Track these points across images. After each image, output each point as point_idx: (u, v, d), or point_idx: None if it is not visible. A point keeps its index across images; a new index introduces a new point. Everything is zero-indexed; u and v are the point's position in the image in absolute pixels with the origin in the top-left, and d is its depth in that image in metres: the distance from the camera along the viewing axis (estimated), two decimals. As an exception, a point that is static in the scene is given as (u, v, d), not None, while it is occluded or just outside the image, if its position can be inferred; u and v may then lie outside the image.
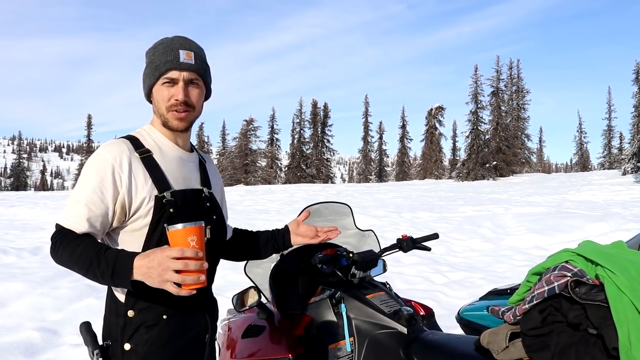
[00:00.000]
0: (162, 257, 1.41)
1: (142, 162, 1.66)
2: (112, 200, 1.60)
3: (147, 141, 1.73)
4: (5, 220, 14.40)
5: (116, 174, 1.60)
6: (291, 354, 2.27)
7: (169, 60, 1.68)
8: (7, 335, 4.62)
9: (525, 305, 1.74)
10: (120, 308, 1.64)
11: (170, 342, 1.66)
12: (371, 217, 13.22)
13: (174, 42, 1.72)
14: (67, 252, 1.53)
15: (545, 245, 9.52)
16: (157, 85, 1.71)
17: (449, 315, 4.51)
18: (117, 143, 1.67)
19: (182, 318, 1.69)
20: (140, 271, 1.44)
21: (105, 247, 1.54)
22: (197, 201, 1.74)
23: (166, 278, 1.40)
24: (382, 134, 67.09)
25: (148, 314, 1.63)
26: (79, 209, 1.58)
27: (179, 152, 1.78)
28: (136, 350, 1.62)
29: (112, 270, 1.47)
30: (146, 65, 1.74)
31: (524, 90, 54.61)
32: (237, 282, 2.87)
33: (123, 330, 1.63)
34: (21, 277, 6.47)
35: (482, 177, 45.79)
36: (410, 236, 2.58)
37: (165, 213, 1.62)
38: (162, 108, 1.71)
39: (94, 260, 1.49)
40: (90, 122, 67.37)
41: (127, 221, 1.64)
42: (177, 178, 1.71)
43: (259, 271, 2.65)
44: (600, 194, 21.98)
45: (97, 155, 1.63)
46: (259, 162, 59.02)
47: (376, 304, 2.29)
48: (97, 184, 1.59)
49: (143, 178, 1.63)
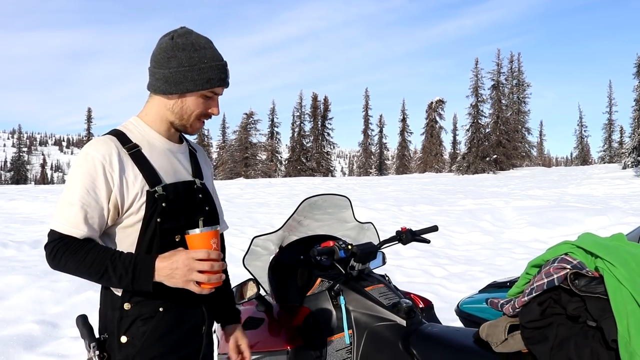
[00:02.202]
0: (188, 259, 1.49)
1: (131, 157, 1.63)
2: (105, 199, 1.57)
3: (135, 135, 1.70)
4: (5, 214, 14.39)
5: (107, 173, 1.57)
6: (290, 346, 2.27)
7: (222, 78, 1.69)
8: (7, 328, 4.63)
9: (525, 298, 1.74)
10: (116, 301, 1.63)
11: (167, 334, 1.65)
12: (371, 210, 13.21)
13: (219, 56, 1.70)
14: (73, 261, 1.52)
15: (545, 238, 9.52)
16: (196, 95, 1.67)
17: (448, 308, 4.52)
18: (104, 141, 1.63)
19: (178, 310, 1.68)
20: (163, 272, 1.50)
21: (118, 252, 1.55)
22: (189, 193, 1.72)
23: (191, 278, 1.49)
24: (382, 128, 67.08)
25: (144, 307, 1.62)
26: (75, 211, 1.54)
27: (167, 144, 1.74)
28: (133, 342, 1.62)
29: (133, 274, 1.50)
30: (188, 68, 1.64)
31: (524, 84, 54.54)
32: (236, 275, 2.87)
33: (119, 323, 1.62)
34: (21, 271, 6.49)
35: (483, 170, 45.79)
36: (409, 229, 2.58)
37: (158, 208, 1.61)
38: (192, 115, 1.70)
39: (109, 266, 1.50)
40: (90, 115, 67.38)
41: (119, 219, 1.62)
42: (168, 171, 1.69)
43: (258, 263, 2.64)
44: (600, 187, 21.98)
45: (86, 155, 1.59)
46: (259, 156, 59.05)
47: (375, 296, 2.29)
48: (89, 184, 1.56)
49: (133, 174, 1.61)
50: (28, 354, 4.10)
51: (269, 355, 2.29)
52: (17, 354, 4.09)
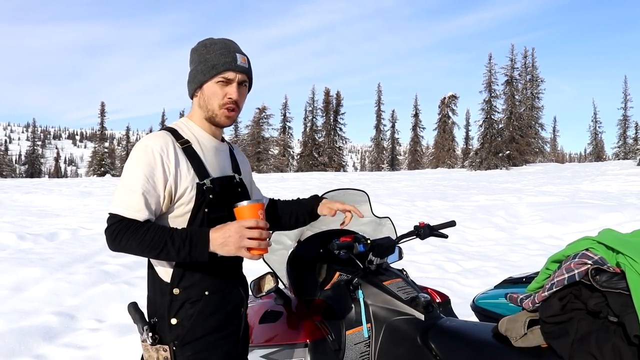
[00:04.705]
0: (239, 227, 1.64)
1: (183, 152, 1.79)
2: (162, 187, 1.72)
3: (185, 133, 1.86)
4: (22, 207, 14.56)
5: (165, 163, 1.73)
6: (308, 339, 2.29)
7: (227, 61, 1.82)
8: (26, 319, 4.69)
9: (545, 293, 1.75)
10: (165, 287, 1.79)
11: (212, 315, 1.82)
12: (384, 205, 13.20)
13: (229, 45, 1.86)
14: (135, 239, 1.64)
15: (559, 234, 9.46)
16: (211, 83, 1.84)
17: (463, 303, 4.51)
18: (161, 135, 1.79)
19: (222, 293, 1.86)
20: (218, 241, 1.64)
21: (174, 228, 1.69)
22: (231, 187, 1.90)
23: (243, 244, 1.63)
24: (394, 123, 66.83)
25: (192, 291, 1.79)
26: (137, 198, 1.68)
27: (214, 142, 1.92)
28: (182, 324, 1.78)
29: (190, 245, 1.64)
30: (198, 63, 1.85)
31: (538, 79, 54.05)
32: (254, 269, 2.89)
33: (170, 306, 1.78)
34: (38, 263, 6.57)
35: (495, 166, 45.55)
36: (427, 223, 2.58)
37: (206, 199, 1.78)
38: (214, 104, 1.85)
39: (168, 240, 1.64)
40: (103, 109, 67.56)
41: (171, 207, 1.77)
42: (214, 166, 1.87)
43: (277, 257, 2.66)
44: (614, 184, 21.76)
45: (145, 147, 1.73)
46: (271, 150, 59.18)
47: (393, 290, 2.30)
48: (149, 173, 1.70)
49: (186, 167, 1.77)
50: (47, 345, 4.16)
51: (288, 348, 2.31)
52: (36, 344, 4.14)
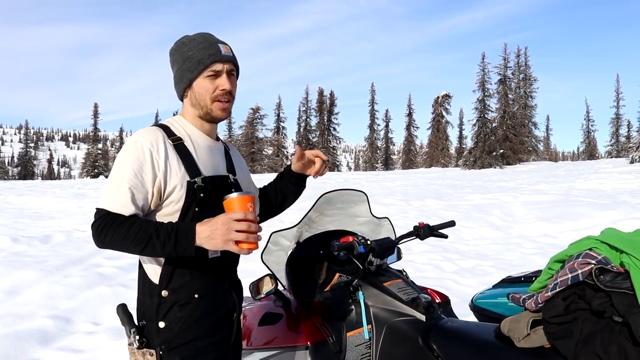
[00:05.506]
0: (226, 219, 1.55)
1: (174, 149, 1.74)
2: (151, 183, 1.67)
3: (178, 130, 1.82)
4: (15, 209, 14.47)
5: (154, 158, 1.68)
6: (309, 341, 2.27)
7: (212, 53, 1.77)
8: (21, 323, 4.65)
9: (548, 293, 1.73)
10: (153, 289, 1.73)
11: (201, 320, 1.75)
12: (380, 205, 13.19)
13: (208, 38, 1.82)
14: (119, 234, 1.59)
15: (555, 233, 9.49)
16: (200, 79, 1.79)
17: (461, 303, 4.51)
18: (152, 130, 1.75)
19: (212, 297, 1.79)
20: (204, 234, 1.56)
21: (160, 222, 1.63)
22: (224, 187, 1.82)
23: (230, 237, 1.55)
24: (388, 122, 66.98)
25: (181, 294, 1.73)
26: (123, 193, 1.63)
27: (207, 140, 1.87)
28: (170, 327, 1.71)
29: (176, 238, 1.58)
30: (182, 62, 1.80)
31: (531, 78, 54.27)
32: (252, 271, 2.87)
33: (157, 309, 1.72)
34: (33, 266, 6.52)
35: (489, 165, 45.68)
36: (427, 224, 2.57)
37: (196, 198, 1.71)
38: (207, 99, 1.80)
39: (153, 234, 1.58)
40: (96, 111, 67.37)
41: (160, 205, 1.72)
42: (207, 165, 1.80)
43: (275, 259, 2.64)
44: (608, 182, 21.85)
45: (135, 142, 1.69)
46: (265, 151, 59.11)
47: (394, 291, 2.29)
48: (137, 168, 1.66)
49: (177, 164, 1.72)
50: (43, 349, 4.12)
51: (289, 351, 2.29)
52: (32, 348, 4.11)
